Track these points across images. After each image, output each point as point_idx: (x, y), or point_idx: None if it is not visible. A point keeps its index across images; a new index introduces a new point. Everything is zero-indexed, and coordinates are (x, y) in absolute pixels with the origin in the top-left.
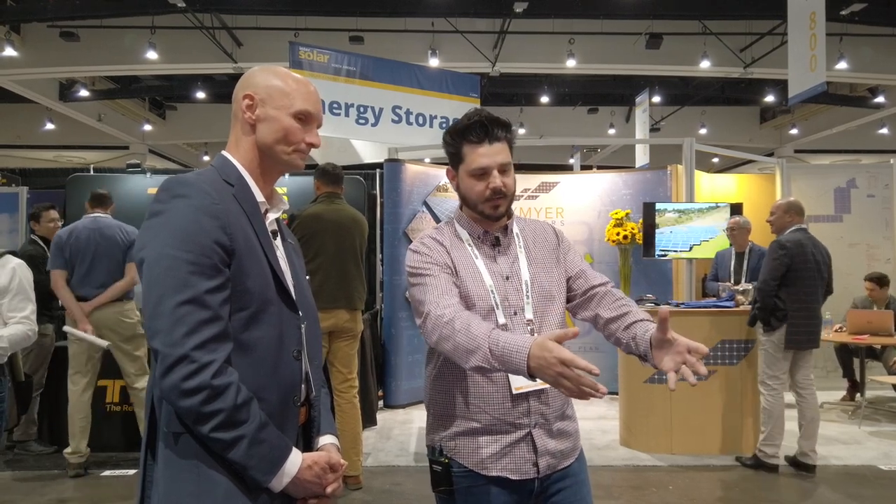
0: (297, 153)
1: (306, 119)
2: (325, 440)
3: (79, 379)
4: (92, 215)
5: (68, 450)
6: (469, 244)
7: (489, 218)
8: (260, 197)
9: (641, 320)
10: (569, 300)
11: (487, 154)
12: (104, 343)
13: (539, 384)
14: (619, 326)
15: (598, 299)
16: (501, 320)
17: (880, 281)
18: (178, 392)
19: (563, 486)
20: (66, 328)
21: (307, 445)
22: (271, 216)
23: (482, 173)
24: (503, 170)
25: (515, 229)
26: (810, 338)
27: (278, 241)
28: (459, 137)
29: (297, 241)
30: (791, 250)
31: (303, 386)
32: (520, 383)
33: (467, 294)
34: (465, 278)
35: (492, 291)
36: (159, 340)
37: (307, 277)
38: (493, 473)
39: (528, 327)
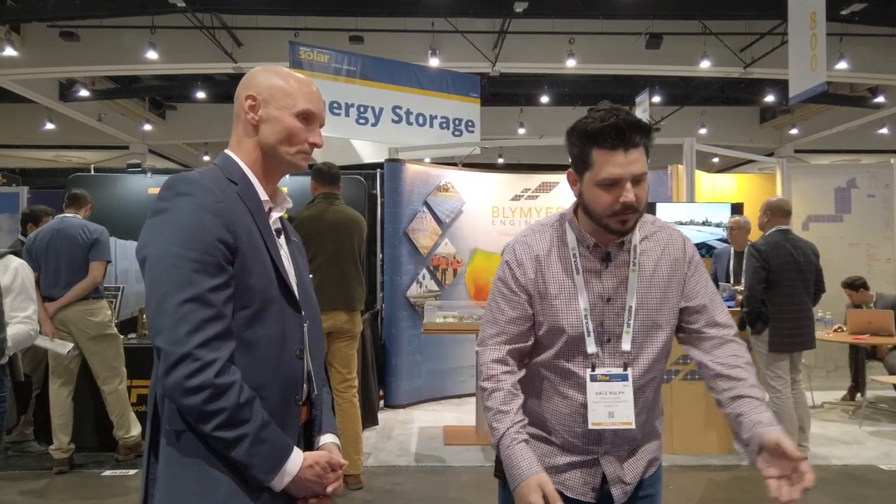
0: (301, 154)
1: (309, 119)
2: (326, 439)
3: (55, 379)
4: (60, 216)
5: (52, 446)
6: (574, 253)
7: (614, 233)
8: (264, 195)
9: (751, 397)
10: (679, 330)
11: (622, 164)
12: (63, 350)
13: (620, 423)
14: (726, 390)
15: (711, 346)
16: (591, 349)
17: (853, 285)
18: (180, 390)
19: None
20: None
21: (308, 444)
22: (275, 215)
23: (612, 184)
24: (637, 181)
25: (636, 240)
26: (794, 340)
27: (282, 240)
28: (589, 141)
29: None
30: (765, 253)
31: (305, 385)
32: (598, 419)
33: (555, 318)
34: (555, 298)
35: (586, 317)
36: (162, 338)
37: (310, 276)
38: None
39: (622, 360)
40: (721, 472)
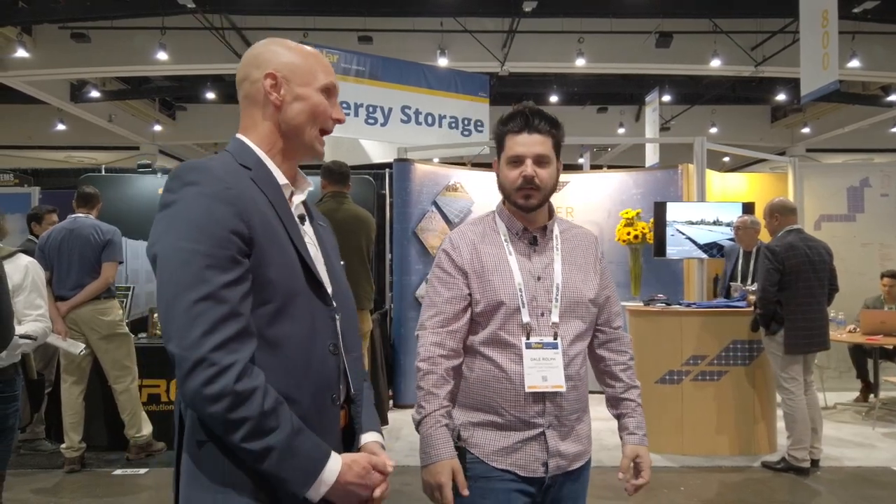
0: (323, 133)
1: (331, 93)
2: (368, 437)
3: (67, 377)
4: (73, 216)
5: (63, 445)
6: (505, 239)
7: (521, 209)
8: (282, 179)
9: (630, 399)
10: None
11: (525, 143)
12: (76, 350)
13: (552, 386)
14: (616, 389)
15: (609, 341)
16: (525, 319)
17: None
18: (201, 399)
19: (567, 489)
20: None
21: (349, 445)
22: (296, 199)
23: (516, 161)
24: (539, 161)
25: (556, 231)
26: (811, 341)
27: (307, 226)
28: (503, 126)
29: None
30: (780, 255)
31: (341, 385)
32: (533, 382)
33: (494, 292)
34: (492, 274)
35: (520, 290)
36: (175, 343)
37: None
38: (502, 466)
39: (553, 330)
40: (733, 473)
